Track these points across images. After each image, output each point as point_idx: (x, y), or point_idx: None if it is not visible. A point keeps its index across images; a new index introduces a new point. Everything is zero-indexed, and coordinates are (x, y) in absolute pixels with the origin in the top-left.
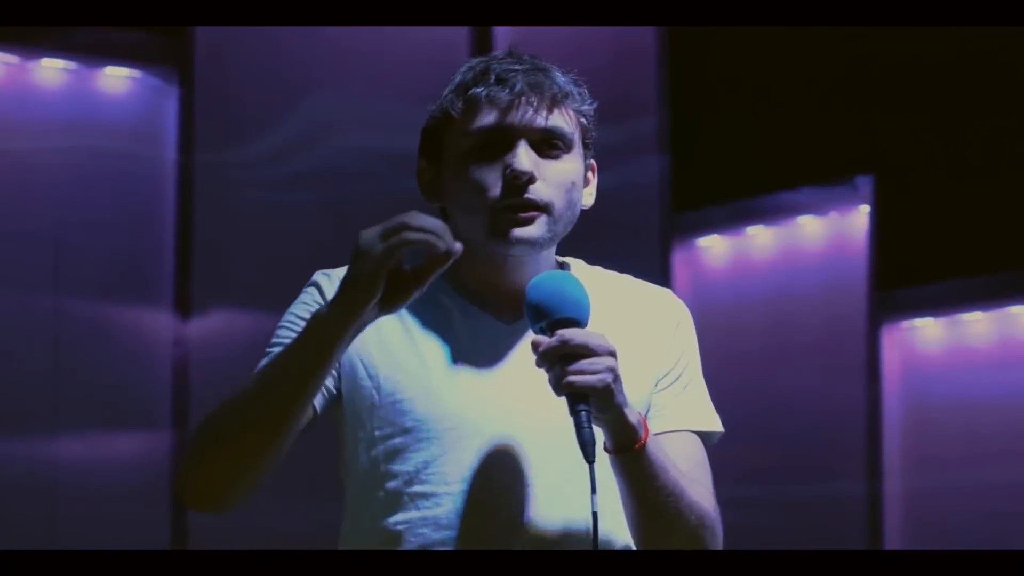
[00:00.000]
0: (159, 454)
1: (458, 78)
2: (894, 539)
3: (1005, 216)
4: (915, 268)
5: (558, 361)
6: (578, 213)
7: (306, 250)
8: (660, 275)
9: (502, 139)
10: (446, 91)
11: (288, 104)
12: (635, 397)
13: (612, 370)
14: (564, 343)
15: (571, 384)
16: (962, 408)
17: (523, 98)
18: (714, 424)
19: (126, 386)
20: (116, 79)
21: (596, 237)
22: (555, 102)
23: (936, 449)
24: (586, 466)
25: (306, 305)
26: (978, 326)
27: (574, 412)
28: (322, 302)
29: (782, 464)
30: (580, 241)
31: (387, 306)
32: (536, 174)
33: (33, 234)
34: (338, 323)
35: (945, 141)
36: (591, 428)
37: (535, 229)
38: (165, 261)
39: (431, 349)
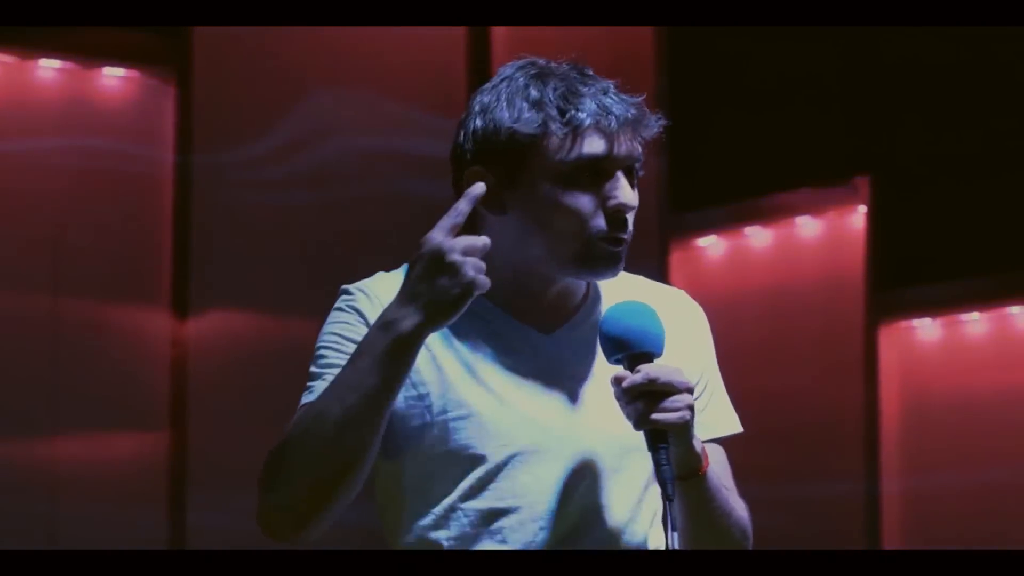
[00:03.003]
0: (157, 454)
1: (533, 92)
2: (892, 538)
3: (1003, 216)
4: (913, 268)
5: (640, 397)
6: None
7: (303, 251)
8: (658, 275)
9: (605, 169)
10: (519, 101)
11: (286, 104)
12: None
13: (691, 407)
14: (651, 382)
15: (656, 422)
16: (960, 408)
17: (624, 128)
18: (736, 425)
19: (124, 386)
20: (114, 79)
21: None
22: (639, 133)
23: (934, 449)
24: (642, 482)
25: (349, 325)
26: (976, 326)
27: (654, 449)
28: (365, 321)
29: (780, 463)
30: None
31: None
32: None
33: (31, 234)
34: (418, 338)
35: (942, 142)
36: (670, 465)
37: (619, 268)
38: (163, 261)
39: (479, 365)
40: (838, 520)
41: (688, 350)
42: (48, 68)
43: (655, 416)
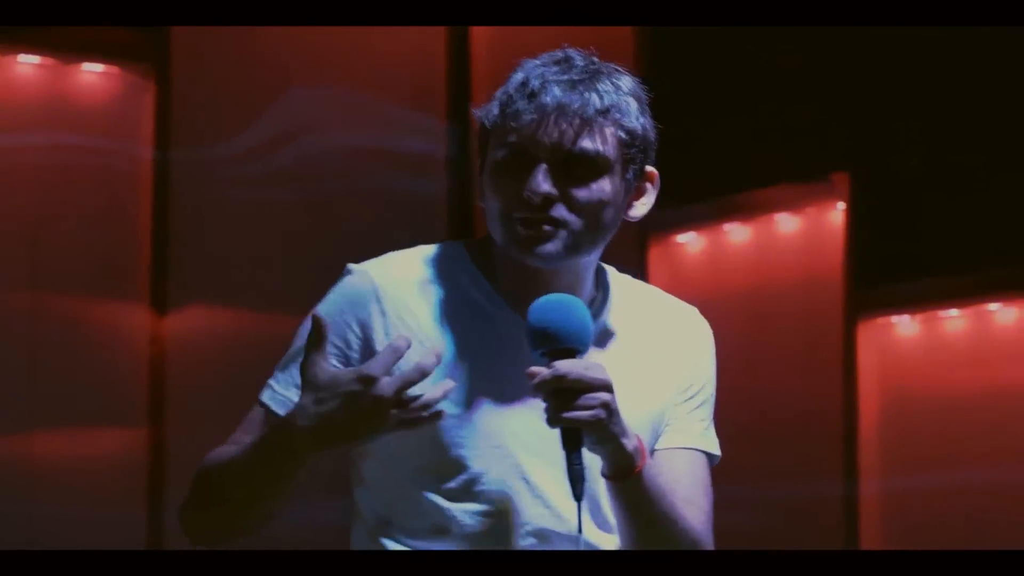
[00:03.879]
0: (135, 452)
1: (512, 76)
2: (871, 536)
3: (982, 213)
4: (892, 265)
5: (552, 395)
6: (615, 228)
7: (283, 247)
8: (637, 272)
9: (524, 160)
10: (497, 92)
11: (265, 101)
12: (650, 409)
13: (607, 405)
14: (559, 378)
15: (566, 420)
16: (939, 405)
17: (551, 118)
18: (714, 447)
19: (102, 383)
20: (93, 75)
21: None
22: (586, 122)
23: (913, 446)
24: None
25: (334, 317)
26: (955, 323)
27: (566, 448)
28: (356, 316)
29: (758, 462)
30: None
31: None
32: (558, 196)
33: (9, 230)
34: (308, 454)
35: (921, 138)
36: (581, 466)
37: (551, 246)
38: (141, 258)
39: (477, 363)
40: (817, 518)
41: (687, 360)
42: (27, 64)
43: (566, 415)
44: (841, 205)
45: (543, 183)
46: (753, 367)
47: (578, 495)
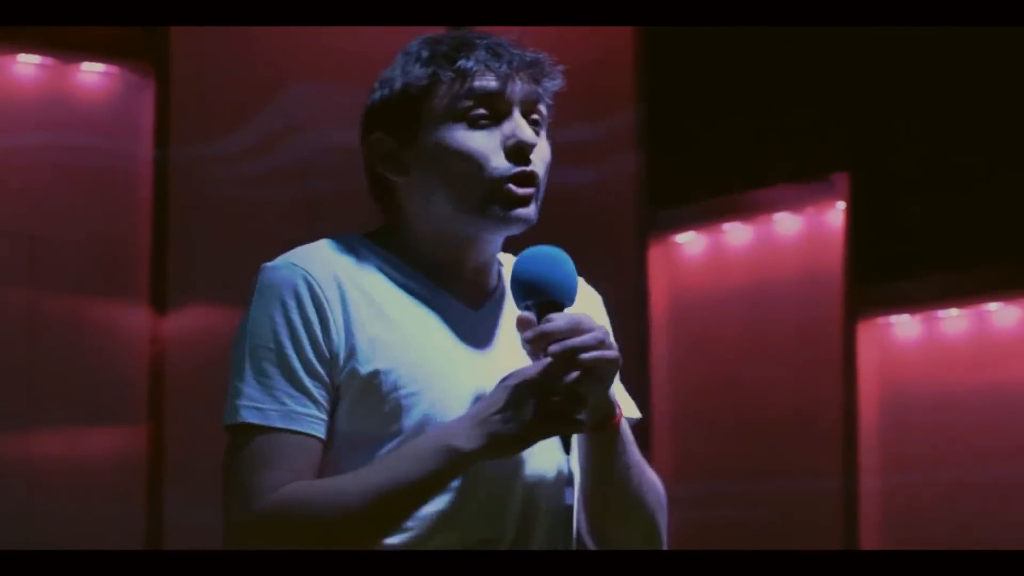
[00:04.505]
0: (135, 451)
1: (425, 52)
2: (870, 534)
3: (981, 212)
4: (891, 264)
5: (563, 351)
6: None
7: (283, 246)
8: (637, 271)
9: (498, 107)
10: (410, 65)
11: (264, 99)
12: None
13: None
14: (574, 328)
15: (588, 360)
16: (938, 404)
17: (517, 71)
18: (635, 411)
19: (101, 383)
20: (92, 74)
21: (573, 233)
22: (539, 79)
23: (912, 445)
24: (563, 456)
25: (300, 323)
26: (954, 322)
27: (568, 413)
28: (319, 314)
29: (758, 460)
30: (557, 237)
31: None
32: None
33: (8, 230)
34: (472, 464)
35: (921, 137)
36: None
37: (532, 210)
38: (141, 257)
39: (420, 342)
40: (816, 516)
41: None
42: (26, 63)
43: (590, 356)
44: (841, 205)
45: (528, 129)
46: (753, 365)
47: (567, 448)
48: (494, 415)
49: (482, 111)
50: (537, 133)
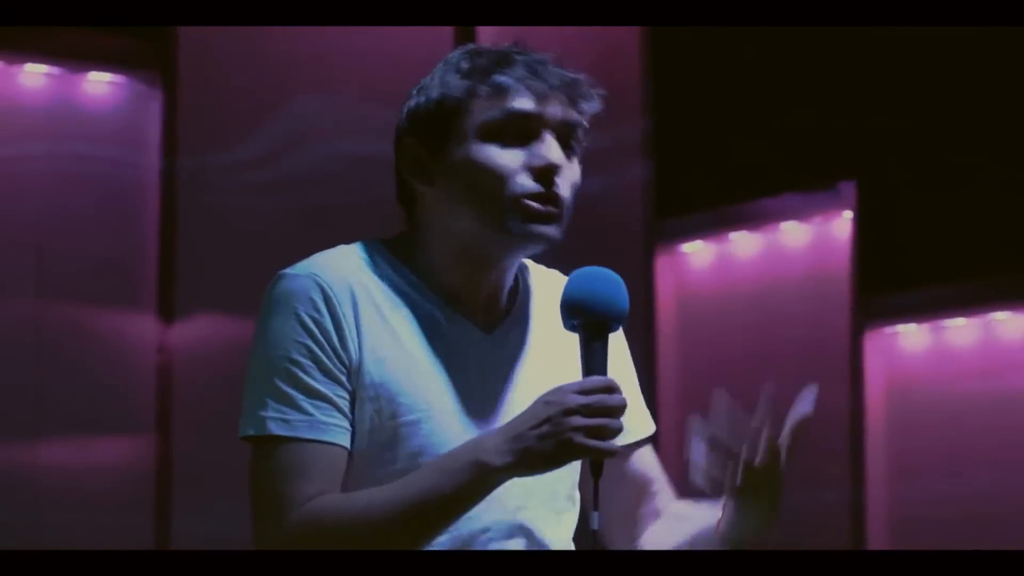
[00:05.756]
0: (143, 460)
1: (465, 64)
2: (877, 544)
3: (988, 222)
4: (898, 274)
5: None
6: None
7: (290, 256)
8: (643, 281)
9: (530, 127)
10: (449, 75)
11: (272, 109)
12: None
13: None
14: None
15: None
16: (945, 413)
17: (554, 91)
18: (651, 425)
19: (109, 392)
20: (99, 84)
21: (580, 242)
22: (577, 101)
23: (919, 455)
24: (570, 483)
25: (320, 337)
26: (961, 332)
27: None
28: (336, 326)
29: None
30: (563, 246)
31: None
32: (561, 169)
33: (16, 239)
34: (504, 480)
35: (928, 146)
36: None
37: (554, 229)
38: (149, 266)
39: (426, 367)
40: (823, 525)
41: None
42: (33, 73)
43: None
44: (848, 214)
45: (557, 150)
46: (760, 375)
47: (597, 473)
48: (528, 431)
49: (514, 130)
50: (569, 157)
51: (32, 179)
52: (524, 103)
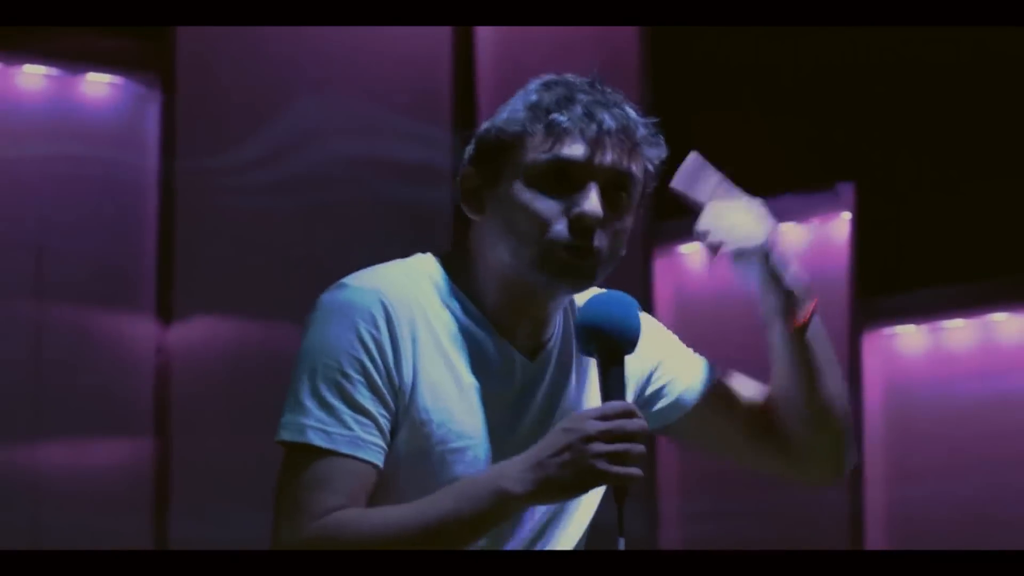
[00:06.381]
0: (141, 461)
1: (534, 97)
2: (876, 547)
3: (987, 223)
4: (897, 275)
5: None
6: None
7: (289, 257)
8: (642, 283)
9: (576, 176)
10: (518, 104)
11: (270, 110)
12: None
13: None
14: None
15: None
16: (944, 415)
17: (608, 138)
18: (708, 372)
19: (108, 393)
20: (98, 85)
21: None
22: (635, 149)
23: (918, 456)
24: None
25: (376, 356)
26: (960, 333)
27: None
28: (394, 346)
29: (763, 473)
30: None
31: None
32: (603, 222)
33: (15, 240)
34: (524, 506)
35: (927, 148)
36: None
37: (585, 280)
38: (147, 268)
39: (473, 393)
40: (822, 528)
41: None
42: (32, 74)
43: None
44: (846, 215)
45: (597, 203)
46: (758, 377)
47: (620, 499)
48: (548, 459)
49: (559, 176)
50: (619, 204)
51: (30, 180)
52: (574, 150)
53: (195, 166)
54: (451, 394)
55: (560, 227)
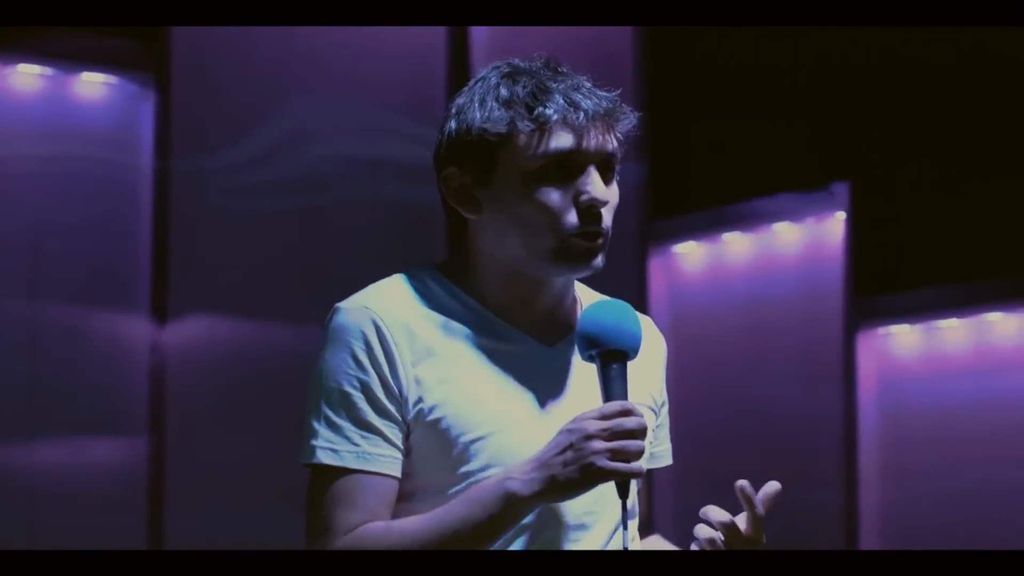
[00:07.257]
0: (135, 460)
1: (504, 91)
2: (870, 545)
3: (981, 223)
4: (891, 275)
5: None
6: None
7: (283, 256)
8: (637, 281)
9: (572, 164)
10: (489, 100)
11: (265, 110)
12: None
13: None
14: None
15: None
16: (938, 415)
17: (594, 122)
18: (671, 459)
19: (103, 392)
20: (93, 85)
21: None
22: (613, 127)
23: (912, 456)
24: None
25: (369, 368)
26: (954, 333)
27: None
28: (388, 356)
29: (758, 471)
30: None
31: None
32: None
33: (10, 240)
34: (533, 508)
35: (921, 147)
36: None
37: (598, 260)
38: (142, 267)
39: (491, 383)
40: (816, 527)
41: (657, 375)
42: (27, 73)
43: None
44: (841, 215)
45: (601, 187)
46: (752, 376)
47: (624, 494)
48: (552, 459)
49: (557, 168)
50: (609, 180)
51: (25, 180)
52: (565, 141)
53: (189, 166)
54: (465, 388)
55: (571, 216)
